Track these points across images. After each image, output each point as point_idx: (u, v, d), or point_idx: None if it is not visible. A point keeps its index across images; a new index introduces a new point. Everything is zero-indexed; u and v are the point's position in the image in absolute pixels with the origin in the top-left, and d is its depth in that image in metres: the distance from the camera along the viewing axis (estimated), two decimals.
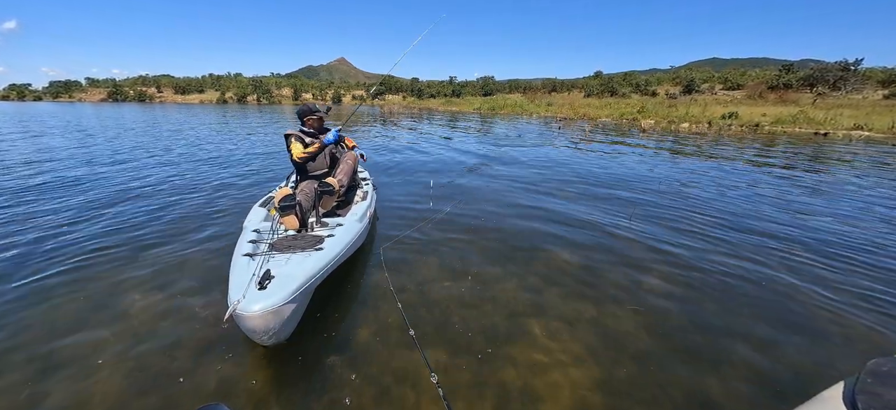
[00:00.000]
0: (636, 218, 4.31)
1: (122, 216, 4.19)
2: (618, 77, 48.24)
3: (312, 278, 2.08)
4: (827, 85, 29.24)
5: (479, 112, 31.93)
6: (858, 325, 2.44)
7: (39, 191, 5.14)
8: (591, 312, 2.52)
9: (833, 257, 3.41)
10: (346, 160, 3.56)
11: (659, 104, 27.16)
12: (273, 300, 1.80)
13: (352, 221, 2.92)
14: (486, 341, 2.21)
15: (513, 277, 2.95)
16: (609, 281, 2.91)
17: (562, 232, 3.88)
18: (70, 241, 3.47)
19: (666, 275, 3.00)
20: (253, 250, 2.36)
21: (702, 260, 3.27)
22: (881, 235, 3.97)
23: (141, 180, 5.88)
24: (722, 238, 3.79)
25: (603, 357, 2.10)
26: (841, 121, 16.76)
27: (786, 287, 2.88)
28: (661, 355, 2.12)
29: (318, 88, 75.93)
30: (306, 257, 2.24)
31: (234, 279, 1.99)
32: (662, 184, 5.98)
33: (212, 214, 4.32)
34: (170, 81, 76.77)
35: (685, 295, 2.73)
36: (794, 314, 2.55)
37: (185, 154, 8.63)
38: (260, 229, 2.73)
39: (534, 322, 2.41)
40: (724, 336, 2.30)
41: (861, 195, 5.65)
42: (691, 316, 2.48)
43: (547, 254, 3.35)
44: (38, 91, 76.41)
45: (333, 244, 2.44)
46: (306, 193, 3.11)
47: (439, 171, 6.89)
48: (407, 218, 4.20)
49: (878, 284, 2.95)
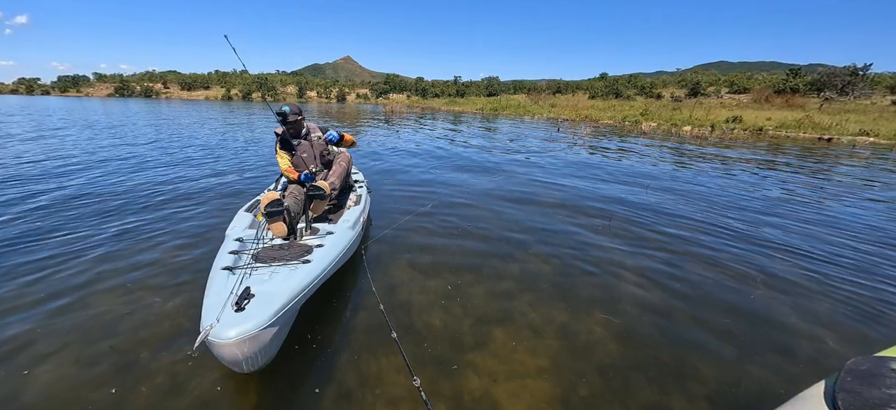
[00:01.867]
0: (616, 224, 4.22)
1: (110, 215, 4.16)
2: (623, 79, 47.99)
3: (297, 296, 1.87)
4: (834, 90, 28.89)
5: (481, 112, 31.81)
6: (829, 342, 2.35)
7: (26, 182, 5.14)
8: (562, 319, 2.45)
9: (811, 268, 3.31)
10: (340, 161, 3.37)
11: (663, 107, 26.91)
12: (251, 324, 1.60)
13: (343, 229, 2.69)
14: (452, 349, 2.16)
15: (487, 281, 2.89)
16: (582, 289, 2.84)
17: (542, 236, 3.81)
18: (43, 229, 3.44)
19: (641, 284, 2.93)
20: (234, 262, 2.16)
21: (678, 269, 3.19)
22: (866, 246, 3.86)
23: (126, 180, 5.87)
24: (701, 245, 3.70)
25: (568, 369, 2.03)
26: (847, 127, 16.49)
27: (760, 299, 2.79)
28: (626, 368, 2.05)
29: (322, 86, 76.13)
30: (292, 271, 2.04)
31: (209, 298, 1.80)
32: (649, 189, 5.88)
33: (198, 216, 4.28)
34: (176, 77, 77.25)
35: (658, 306, 2.65)
36: (765, 327, 2.46)
37: (182, 152, 8.63)
38: (243, 237, 2.52)
39: (501, 329, 2.35)
40: (692, 350, 2.22)
41: (855, 201, 5.52)
42: (662, 328, 2.40)
43: (525, 259, 3.28)
44: (46, 85, 77.21)
45: (322, 256, 2.24)
46: (296, 197, 2.96)
47: (430, 171, 6.83)
48: (392, 220, 4.14)
49: (853, 299, 2.85)
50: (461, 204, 4.84)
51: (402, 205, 4.75)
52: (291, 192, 3.02)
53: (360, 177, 4.31)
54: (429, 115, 26.14)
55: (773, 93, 30.84)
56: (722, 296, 2.78)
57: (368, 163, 7.50)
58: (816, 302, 2.78)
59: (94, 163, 6.78)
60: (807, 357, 2.20)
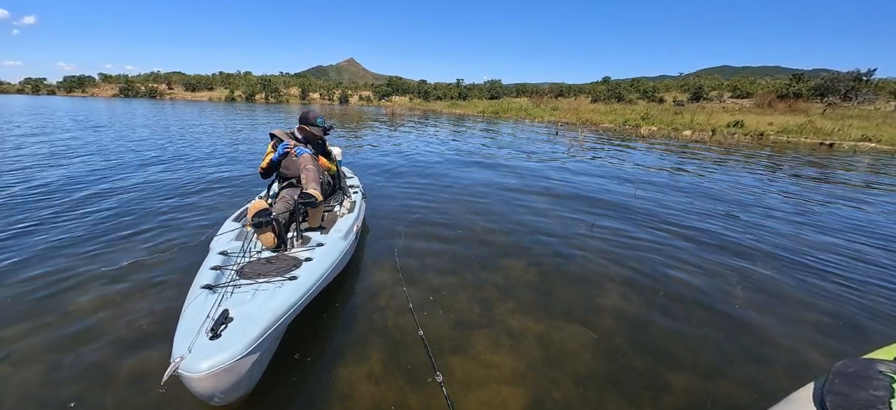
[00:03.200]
0: (601, 230, 4.19)
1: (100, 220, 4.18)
2: (625, 83, 47.86)
3: (280, 319, 1.73)
4: (838, 95, 28.69)
5: (482, 115, 31.83)
6: (809, 352, 2.33)
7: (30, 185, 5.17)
8: (541, 327, 2.44)
9: (797, 278, 3.28)
10: (305, 166, 3.00)
11: (665, 111, 26.82)
12: (227, 354, 1.46)
13: (335, 240, 2.54)
14: (424, 354, 2.14)
15: (469, 288, 2.88)
16: (564, 295, 2.83)
17: (528, 242, 3.80)
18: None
19: (622, 291, 2.92)
20: (215, 279, 2.01)
21: (660, 276, 3.18)
22: (853, 253, 3.82)
23: (116, 182, 5.90)
24: (687, 252, 3.69)
25: (542, 376, 2.02)
26: (849, 132, 16.39)
27: (742, 308, 2.77)
28: (601, 377, 2.04)
29: (325, 88, 76.34)
30: (276, 289, 1.89)
31: (183, 322, 1.65)
32: (638, 194, 5.85)
33: (188, 223, 4.29)
34: (180, 78, 77.73)
35: (638, 314, 2.64)
36: (745, 338, 2.44)
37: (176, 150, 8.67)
38: (228, 250, 2.37)
39: (482, 333, 2.34)
40: (668, 359, 2.20)
41: (850, 210, 5.47)
42: (640, 337, 2.39)
43: (507, 264, 3.27)
44: (52, 85, 77.90)
45: (310, 271, 2.09)
46: (286, 202, 2.83)
47: (424, 172, 6.83)
48: (387, 224, 4.14)
49: (837, 311, 2.83)
50: (451, 208, 4.83)
51: (397, 208, 4.74)
52: (282, 198, 2.91)
53: (356, 182, 4.14)
54: (431, 119, 26.15)
55: (776, 98, 30.62)
56: (703, 306, 2.76)
57: (368, 164, 7.51)
58: (799, 311, 2.76)
59: (83, 162, 6.82)
60: (783, 369, 2.18)
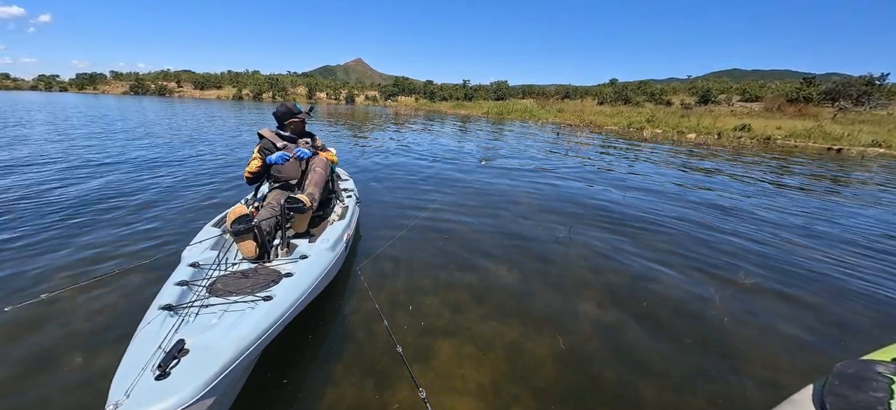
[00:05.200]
0: (585, 235, 4.06)
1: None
2: (632, 85, 47.47)
3: (246, 350, 1.44)
4: (850, 99, 28.16)
5: (487, 115, 31.74)
6: (782, 370, 2.21)
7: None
8: (512, 336, 2.35)
9: (780, 291, 3.13)
10: (315, 168, 2.93)
11: (671, 114, 26.51)
12: (173, 401, 1.19)
13: (321, 251, 2.27)
14: (392, 361, 2.08)
15: (443, 291, 2.80)
16: (540, 303, 2.74)
17: (510, 247, 3.71)
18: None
19: (599, 299, 2.82)
20: (178, 298, 1.74)
21: (639, 284, 3.07)
22: (839, 263, 3.67)
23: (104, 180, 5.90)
24: (666, 258, 3.55)
25: (504, 390, 1.93)
26: (859, 137, 16.03)
27: (718, 318, 2.65)
28: (563, 393, 1.95)
29: (332, 88, 76.70)
30: (247, 312, 1.63)
31: (129, 354, 1.38)
32: (626, 199, 5.71)
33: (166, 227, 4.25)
34: (190, 76, 78.57)
35: (613, 322, 2.55)
36: (718, 350, 2.33)
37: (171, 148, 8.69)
38: (201, 262, 2.09)
39: (447, 342, 2.26)
40: (640, 371, 2.11)
41: (844, 217, 5.29)
42: (611, 349, 2.29)
43: (486, 270, 3.19)
44: (64, 82, 79.22)
45: (289, 289, 1.82)
46: (272, 208, 2.61)
47: (417, 175, 6.76)
48: (381, 231, 4.07)
49: (815, 325, 2.70)
50: (440, 212, 4.75)
51: (391, 213, 4.67)
52: (269, 203, 2.70)
53: (350, 185, 3.89)
54: (436, 119, 26.11)
55: (786, 102, 30.13)
56: (681, 315, 2.66)
57: (368, 163, 7.46)
58: (777, 325, 2.63)
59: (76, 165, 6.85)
60: (754, 385, 2.07)
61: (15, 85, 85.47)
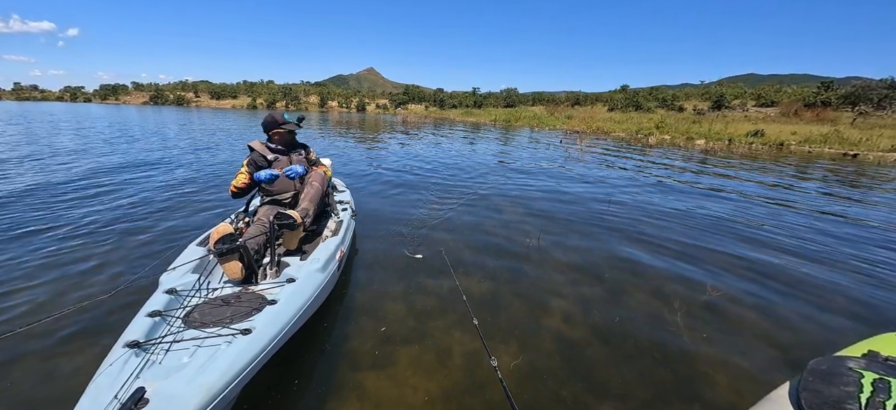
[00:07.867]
0: (561, 244, 3.94)
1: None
2: (644, 91, 46.89)
3: (217, 397, 1.25)
4: (870, 103, 27.22)
5: (495, 123, 31.73)
6: (746, 393, 2.09)
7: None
8: (474, 345, 2.30)
9: (749, 304, 2.99)
10: (311, 182, 2.77)
11: (682, 120, 26.00)
12: None
13: (310, 272, 2.07)
14: (349, 368, 2.04)
15: (413, 294, 2.76)
16: (508, 312, 2.67)
17: (488, 251, 3.64)
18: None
19: (568, 312, 2.72)
20: (147, 332, 1.55)
21: (612, 296, 2.96)
22: (827, 270, 3.50)
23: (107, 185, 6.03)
24: (643, 270, 3.42)
25: (453, 405, 1.88)
26: (878, 142, 15.44)
27: (684, 335, 2.53)
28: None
29: (343, 96, 77.86)
30: (222, 348, 1.45)
31: (82, 404, 1.20)
32: (612, 207, 5.55)
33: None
34: (207, 87, 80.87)
35: (578, 337, 2.46)
36: (682, 368, 2.22)
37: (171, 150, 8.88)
38: (179, 288, 1.91)
39: (405, 349, 2.22)
40: (599, 390, 2.02)
41: (838, 224, 5.07)
42: (576, 363, 2.21)
43: (465, 277, 3.13)
44: (88, 93, 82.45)
45: (270, 321, 1.63)
46: (261, 224, 2.47)
47: (416, 180, 6.76)
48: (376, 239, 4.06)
49: (787, 342, 2.57)
50: (437, 223, 4.72)
51: (390, 226, 4.65)
52: (259, 219, 2.54)
53: (346, 197, 3.69)
54: (444, 127, 26.19)
55: (803, 107, 29.30)
56: (649, 331, 2.53)
57: (369, 169, 7.50)
58: (745, 341, 2.49)
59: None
60: (717, 405, 1.97)
61: (42, 96, 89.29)
